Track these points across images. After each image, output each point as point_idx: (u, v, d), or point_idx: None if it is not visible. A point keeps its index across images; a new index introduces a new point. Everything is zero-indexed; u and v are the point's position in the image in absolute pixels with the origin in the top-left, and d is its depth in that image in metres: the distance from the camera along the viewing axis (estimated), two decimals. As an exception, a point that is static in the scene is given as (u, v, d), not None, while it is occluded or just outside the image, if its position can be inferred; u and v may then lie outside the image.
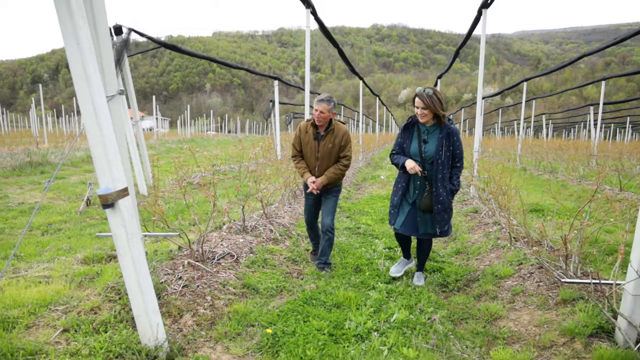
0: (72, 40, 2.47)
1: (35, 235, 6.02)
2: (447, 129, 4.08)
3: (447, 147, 4.06)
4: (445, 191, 4.11)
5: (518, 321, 3.54)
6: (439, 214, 4.14)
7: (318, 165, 4.68)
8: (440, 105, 4.00)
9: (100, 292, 3.43)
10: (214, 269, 4.03)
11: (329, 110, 4.51)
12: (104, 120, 2.58)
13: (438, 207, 4.12)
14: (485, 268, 4.71)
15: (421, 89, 4.02)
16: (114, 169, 2.61)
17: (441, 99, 4.03)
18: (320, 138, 4.63)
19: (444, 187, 4.10)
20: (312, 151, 4.67)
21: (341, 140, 4.63)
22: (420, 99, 3.98)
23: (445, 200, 4.12)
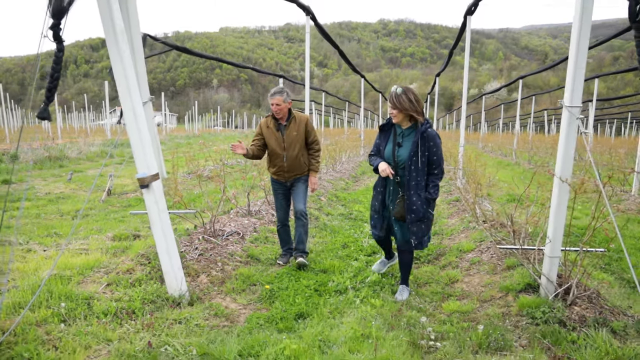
0: (117, 59, 3.31)
1: (66, 219, 6.89)
2: (420, 132, 3.77)
3: (422, 152, 3.75)
4: (420, 200, 3.81)
5: (470, 283, 4.35)
6: (413, 224, 3.87)
7: (286, 154, 4.75)
8: (412, 105, 3.72)
9: (133, 258, 4.28)
10: (224, 243, 4.88)
11: (284, 101, 4.64)
12: (141, 122, 3.42)
13: (411, 216, 3.84)
14: (453, 245, 5.53)
15: (394, 87, 3.82)
16: (149, 158, 3.45)
17: (413, 98, 3.74)
18: (284, 128, 4.75)
19: (418, 195, 3.80)
20: (277, 142, 4.74)
21: (305, 126, 4.79)
22: (389, 98, 3.81)
23: (419, 210, 3.81)
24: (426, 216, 3.90)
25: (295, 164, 4.81)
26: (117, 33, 3.27)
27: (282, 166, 4.80)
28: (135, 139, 3.38)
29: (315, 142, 4.92)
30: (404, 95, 3.74)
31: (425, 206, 3.86)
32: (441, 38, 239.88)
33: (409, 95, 3.75)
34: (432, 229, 4.18)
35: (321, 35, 10.89)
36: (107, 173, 12.27)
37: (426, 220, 3.93)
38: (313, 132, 4.88)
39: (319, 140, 4.95)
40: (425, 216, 3.88)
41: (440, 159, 3.83)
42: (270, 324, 3.42)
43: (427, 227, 3.97)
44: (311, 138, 4.88)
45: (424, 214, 3.86)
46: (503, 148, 24.17)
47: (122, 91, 3.35)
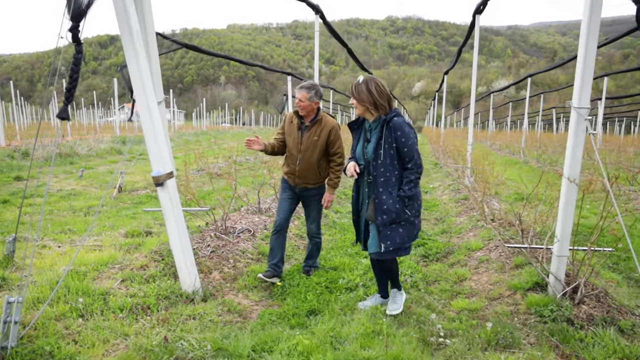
0: (132, 59, 3.38)
1: (79, 216, 6.99)
2: (383, 122, 3.38)
3: (387, 144, 3.34)
4: (392, 198, 3.36)
5: (478, 282, 4.40)
6: (385, 227, 3.40)
7: (300, 158, 4.25)
8: (370, 96, 3.36)
9: (147, 254, 4.36)
10: (235, 240, 4.96)
11: (308, 99, 4.09)
12: (156, 121, 3.49)
13: (382, 217, 3.37)
14: (462, 243, 5.57)
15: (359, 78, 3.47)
16: (164, 157, 3.52)
17: (374, 89, 3.37)
18: (305, 129, 4.24)
19: (389, 193, 3.36)
20: (294, 142, 4.27)
21: (328, 134, 4.20)
22: (351, 90, 3.49)
23: (391, 210, 3.36)
24: (401, 217, 3.39)
25: (308, 172, 4.29)
26: (133, 33, 3.33)
27: (293, 169, 4.33)
28: (150, 137, 3.45)
29: (338, 155, 4.32)
30: (363, 85, 3.39)
31: (399, 205, 3.36)
32: (449, 35, 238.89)
33: (370, 85, 3.38)
34: (415, 234, 3.54)
35: (329, 33, 10.93)
36: (117, 170, 12.42)
37: (403, 224, 3.42)
38: (338, 142, 4.29)
39: (343, 154, 4.35)
40: (399, 217, 3.38)
41: (411, 150, 3.35)
42: (283, 320, 3.49)
43: (405, 232, 3.44)
44: (334, 148, 4.29)
45: (398, 214, 3.37)
46: (511, 146, 24.12)
47: (137, 90, 3.42)
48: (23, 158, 13.66)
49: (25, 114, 36.18)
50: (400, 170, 3.42)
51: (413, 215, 3.47)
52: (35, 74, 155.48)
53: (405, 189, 3.38)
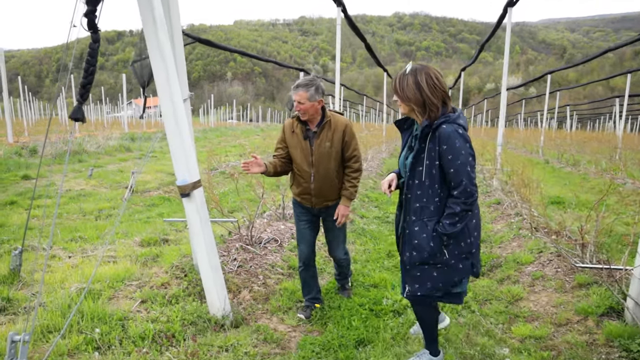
0: (156, 52, 2.93)
1: (90, 220, 6.57)
2: (429, 130, 2.48)
3: (430, 161, 2.48)
4: (425, 231, 2.51)
5: (537, 302, 3.93)
6: (413, 267, 2.60)
7: (314, 173, 3.43)
8: (418, 93, 2.45)
9: (167, 270, 3.92)
10: (263, 252, 4.51)
11: (308, 99, 3.26)
12: (182, 122, 3.04)
13: (411, 254, 2.58)
14: (508, 255, 5.09)
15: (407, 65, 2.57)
16: (190, 163, 3.07)
17: (425, 82, 2.44)
18: (313, 136, 3.41)
19: (423, 225, 2.52)
20: (303, 155, 3.43)
21: (342, 137, 3.40)
22: (394, 83, 2.60)
23: (422, 247, 2.52)
24: (436, 259, 2.54)
25: (326, 188, 3.48)
26: (156, 22, 2.88)
27: (307, 188, 3.48)
28: (176, 141, 3.00)
29: (354, 158, 3.48)
30: (411, 78, 2.47)
31: (434, 244, 2.50)
32: (457, 32, 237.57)
33: (419, 77, 2.45)
34: (456, 280, 2.61)
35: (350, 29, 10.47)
36: (127, 169, 12.02)
37: (440, 266, 2.56)
38: (353, 143, 3.47)
39: (360, 156, 3.55)
40: (433, 259, 2.53)
41: (460, 172, 2.41)
42: (328, 352, 3.03)
43: (442, 277, 2.57)
44: (349, 152, 3.46)
45: (431, 254, 2.52)
46: (528, 145, 23.52)
47: (161, 88, 2.97)
48: (31, 155, 13.27)
49: (33, 109, 35.96)
50: (445, 196, 2.52)
51: (455, 257, 2.55)
52: (44, 70, 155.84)
53: (445, 224, 2.47)
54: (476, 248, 2.61)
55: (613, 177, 11.79)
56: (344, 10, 8.54)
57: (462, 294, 2.73)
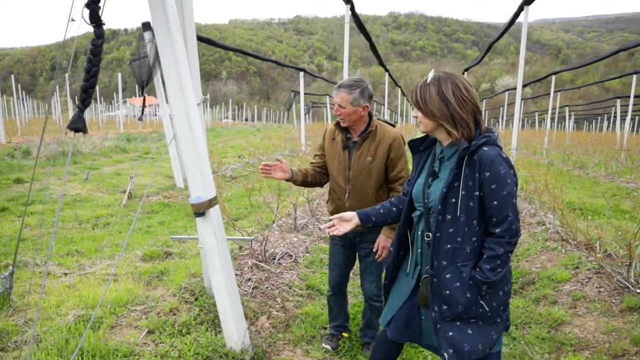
0: (167, 50, 2.55)
1: (86, 229, 6.16)
2: (463, 153, 1.99)
3: (467, 190, 2.00)
4: (460, 279, 2.02)
5: (583, 327, 3.57)
6: (446, 324, 2.07)
7: (349, 190, 2.95)
8: (445, 106, 1.99)
9: (175, 292, 3.53)
10: (278, 270, 4.12)
11: (351, 103, 2.79)
12: (197, 131, 2.65)
13: (442, 308, 2.06)
14: (539, 271, 4.74)
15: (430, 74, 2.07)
16: (206, 178, 2.68)
17: (451, 93, 1.98)
18: (353, 147, 2.93)
19: (457, 272, 2.02)
20: (340, 168, 2.96)
21: (387, 152, 2.87)
22: (413, 95, 2.08)
23: (457, 299, 2.01)
24: (472, 313, 2.03)
25: (362, 209, 2.68)
26: (168, 17, 2.50)
27: (341, 207, 2.94)
28: (190, 152, 2.61)
29: (400, 181, 2.90)
30: (433, 89, 1.99)
31: (471, 294, 2.00)
32: (452, 32, 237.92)
33: (445, 88, 1.98)
34: (494, 339, 2.08)
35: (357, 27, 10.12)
36: (124, 171, 11.59)
37: (474, 321, 2.06)
38: (400, 163, 2.90)
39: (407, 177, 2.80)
40: (468, 313, 2.03)
41: (506, 204, 1.94)
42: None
43: (479, 335, 2.05)
44: (395, 172, 2.90)
45: (467, 307, 2.01)
46: (530, 146, 23.22)
47: (173, 91, 2.58)
48: (24, 157, 12.82)
49: (26, 108, 35.37)
50: (482, 235, 2.03)
51: (494, 310, 2.05)
52: (37, 68, 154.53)
53: (485, 270, 1.96)
54: (510, 297, 2.14)
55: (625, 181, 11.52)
56: (352, 9, 8.18)
57: (500, 354, 2.20)
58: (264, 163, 2.86)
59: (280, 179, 2.91)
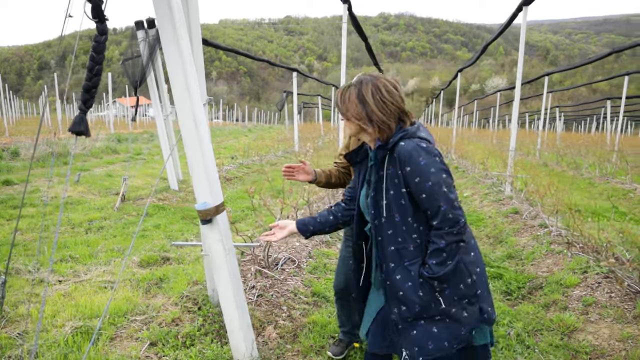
0: (173, 47, 2.41)
1: (79, 233, 5.98)
2: (385, 152, 1.97)
3: (395, 188, 1.94)
4: (411, 279, 1.95)
5: (598, 335, 3.47)
6: (407, 325, 2.00)
7: None
8: (362, 108, 1.94)
9: (177, 301, 3.38)
10: (281, 276, 3.99)
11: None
12: (203, 133, 2.52)
13: (401, 309, 1.98)
14: (546, 275, 4.65)
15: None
16: (213, 183, 2.55)
17: (370, 95, 1.93)
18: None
19: (405, 271, 1.96)
20: None
21: None
22: (336, 98, 2.09)
23: (410, 298, 1.95)
24: (430, 311, 1.96)
25: None
26: (173, 11, 2.36)
27: None
28: (196, 155, 2.48)
29: None
30: (353, 91, 1.97)
31: (424, 292, 1.93)
32: (442, 32, 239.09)
33: (365, 90, 1.94)
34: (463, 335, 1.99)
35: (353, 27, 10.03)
36: (116, 172, 11.37)
37: (439, 318, 1.98)
38: None
39: None
40: (427, 311, 1.96)
41: (435, 195, 1.86)
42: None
43: (445, 332, 1.98)
44: None
45: (424, 306, 1.94)
46: (523, 147, 23.27)
47: (178, 90, 2.44)
48: (12, 158, 12.55)
49: (14, 108, 34.84)
50: (425, 230, 1.96)
51: (456, 304, 1.97)
52: (25, 67, 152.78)
53: (431, 265, 1.89)
54: (483, 288, 2.06)
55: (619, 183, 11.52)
56: (349, 8, 8.08)
57: (487, 348, 2.11)
58: (287, 165, 2.74)
59: (303, 181, 2.80)
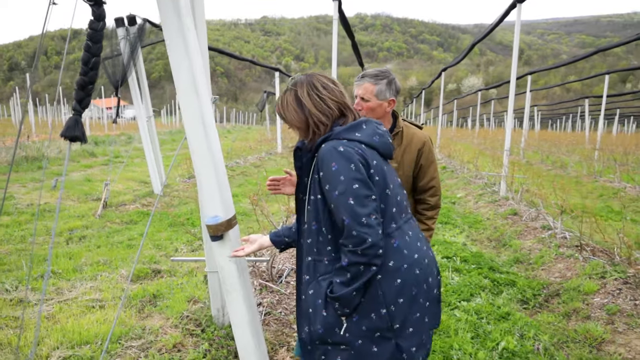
0: (178, 40, 2.10)
1: (60, 243, 5.57)
2: (310, 154, 1.82)
3: (315, 194, 1.77)
4: (321, 296, 1.74)
5: (629, 347, 3.26)
6: (314, 348, 1.81)
7: None
8: (300, 111, 1.80)
9: (177, 323, 3.05)
10: (287, 290, 3.68)
11: (376, 95, 2.38)
12: (212, 134, 2.22)
13: (309, 329, 1.79)
14: (561, 281, 4.44)
15: None
16: (225, 193, 2.24)
17: (306, 95, 1.79)
18: None
19: (317, 287, 1.76)
20: None
21: (417, 156, 2.49)
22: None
23: (315, 317, 1.76)
24: (335, 337, 1.74)
25: None
26: (179, 2, 2.04)
27: None
28: (205, 163, 2.16)
29: (431, 190, 2.55)
30: (291, 94, 1.83)
31: (327, 312, 1.72)
32: (418, 33, 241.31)
33: (301, 90, 1.80)
34: None
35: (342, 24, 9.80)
36: (94, 176, 10.87)
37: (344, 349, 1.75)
38: (431, 169, 2.54)
39: (440, 188, 2.59)
40: (331, 335, 1.74)
41: (340, 206, 1.63)
42: None
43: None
44: (425, 180, 2.54)
45: (326, 328, 1.73)
46: (504, 146, 23.31)
47: (184, 88, 2.11)
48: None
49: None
50: None
51: (363, 335, 1.71)
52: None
53: (335, 283, 1.68)
54: (403, 322, 1.73)
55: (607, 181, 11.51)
56: (339, 5, 7.83)
57: None
58: (271, 178, 2.38)
59: (290, 195, 2.38)
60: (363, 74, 2.44)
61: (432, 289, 1.83)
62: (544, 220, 6.35)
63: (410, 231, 1.84)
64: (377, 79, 2.39)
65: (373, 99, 2.39)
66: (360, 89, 2.41)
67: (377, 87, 2.38)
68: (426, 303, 1.80)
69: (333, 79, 1.86)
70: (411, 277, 1.75)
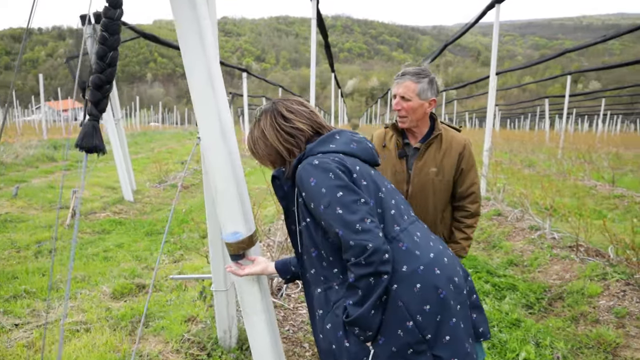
0: (193, 31, 1.88)
1: (28, 257, 5.14)
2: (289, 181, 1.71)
3: (305, 219, 1.64)
4: (339, 327, 1.56)
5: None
6: None
7: None
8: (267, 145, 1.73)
9: (178, 347, 2.78)
10: (291, 305, 3.45)
11: (418, 94, 2.24)
12: (232, 140, 1.98)
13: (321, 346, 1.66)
14: (561, 283, 4.38)
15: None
16: (246, 207, 2.00)
17: (268, 126, 1.71)
18: (413, 155, 2.36)
19: (334, 318, 1.58)
20: (396, 182, 2.36)
21: (458, 161, 2.33)
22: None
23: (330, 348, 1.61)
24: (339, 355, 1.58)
25: None
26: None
27: None
28: (225, 173, 1.90)
29: (471, 197, 2.40)
30: (257, 128, 1.76)
31: (350, 343, 1.54)
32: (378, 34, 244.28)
33: (264, 122, 1.73)
34: None
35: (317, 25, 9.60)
36: (57, 183, 10.29)
37: None
38: (472, 174, 2.38)
39: (479, 194, 2.44)
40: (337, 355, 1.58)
41: (329, 220, 1.49)
42: None
43: None
44: (465, 186, 2.37)
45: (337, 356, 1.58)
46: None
47: (198, 86, 1.86)
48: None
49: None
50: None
51: (396, 356, 1.50)
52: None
53: (348, 306, 1.50)
54: (436, 331, 1.52)
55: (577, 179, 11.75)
56: (317, 4, 7.64)
57: None
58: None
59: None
60: (403, 71, 2.28)
61: (461, 290, 1.62)
62: (530, 220, 6.33)
63: (419, 232, 1.66)
64: (419, 77, 2.25)
65: (415, 98, 2.25)
66: (401, 88, 2.26)
67: (419, 85, 2.24)
68: (457, 306, 1.58)
69: (300, 101, 1.77)
70: (432, 279, 1.54)
